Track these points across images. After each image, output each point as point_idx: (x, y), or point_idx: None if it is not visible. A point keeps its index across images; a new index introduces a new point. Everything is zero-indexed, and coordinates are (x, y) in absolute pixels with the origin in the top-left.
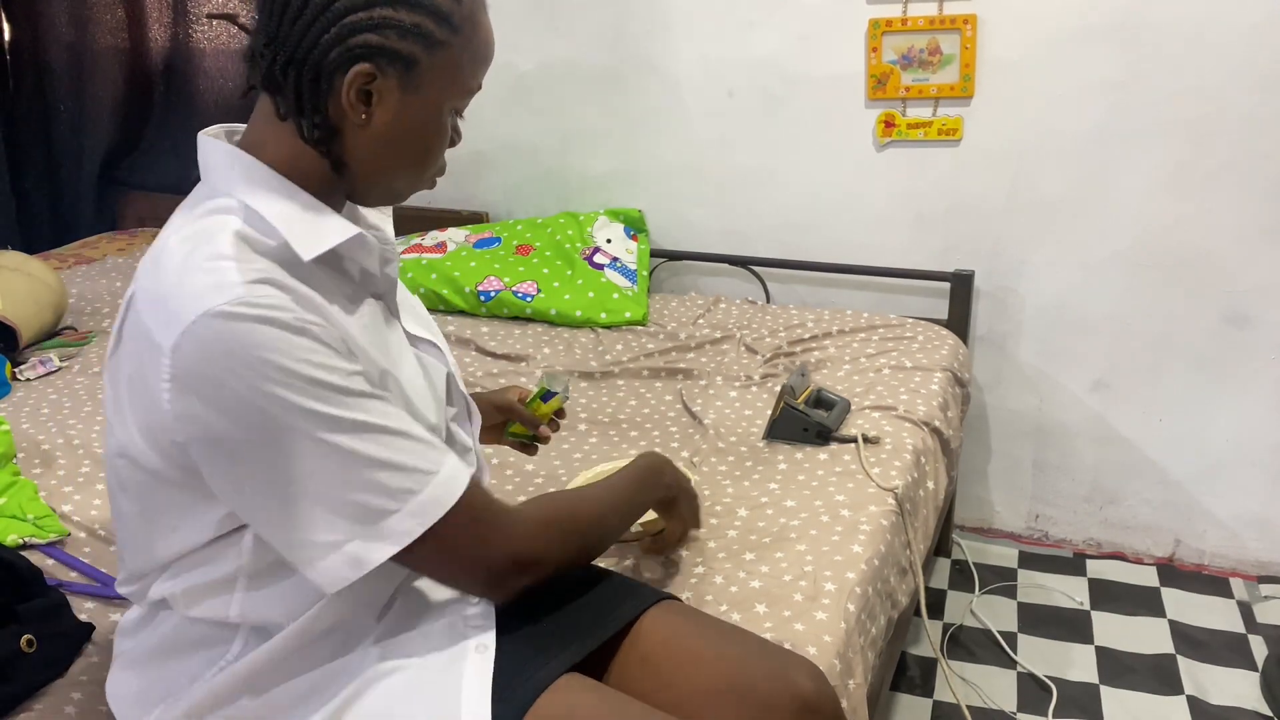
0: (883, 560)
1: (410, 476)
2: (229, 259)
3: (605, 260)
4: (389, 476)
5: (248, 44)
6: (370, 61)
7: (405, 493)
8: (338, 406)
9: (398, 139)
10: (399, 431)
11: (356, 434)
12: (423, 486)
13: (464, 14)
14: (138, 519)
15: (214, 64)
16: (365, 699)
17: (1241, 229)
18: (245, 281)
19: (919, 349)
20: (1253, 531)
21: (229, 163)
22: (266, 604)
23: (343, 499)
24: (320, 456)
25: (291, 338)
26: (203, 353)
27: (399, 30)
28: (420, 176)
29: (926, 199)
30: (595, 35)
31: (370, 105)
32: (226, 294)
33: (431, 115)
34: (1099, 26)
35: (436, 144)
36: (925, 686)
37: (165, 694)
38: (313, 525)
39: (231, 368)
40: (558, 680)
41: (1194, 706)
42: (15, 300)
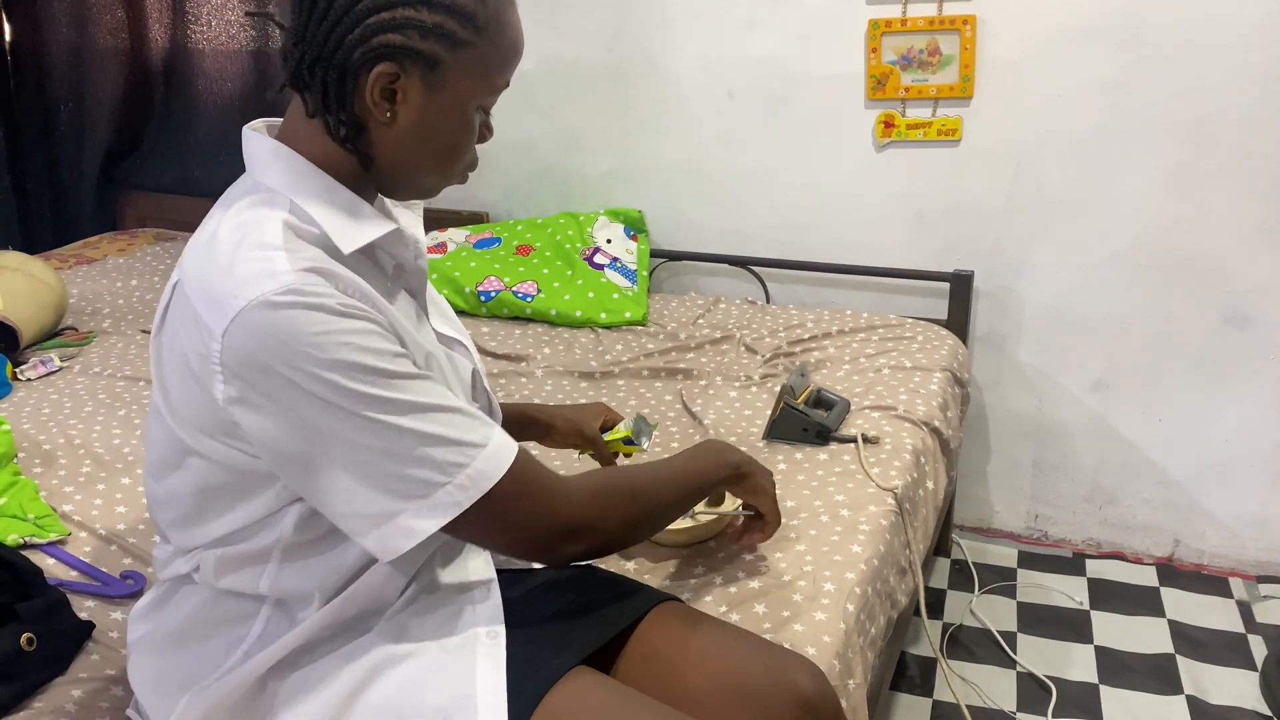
0: (882, 560)
1: (458, 450)
2: (278, 248)
3: (605, 260)
4: (437, 451)
5: (282, 42)
6: (393, 61)
7: (454, 466)
8: (384, 388)
9: (423, 137)
10: (446, 407)
11: (404, 413)
12: (471, 459)
13: (489, 14)
14: (190, 498)
15: (214, 64)
16: (380, 683)
17: (1241, 229)
18: (294, 270)
19: (919, 349)
20: (1252, 531)
21: (273, 157)
22: (298, 577)
23: (393, 474)
24: (369, 435)
25: (340, 320)
26: (254, 339)
27: (421, 30)
28: (448, 173)
29: (926, 199)
30: (595, 35)
31: (394, 104)
32: (276, 282)
33: (456, 113)
34: (1099, 27)
35: (463, 141)
36: (925, 686)
37: (188, 679)
38: (365, 500)
39: (282, 354)
40: (569, 673)
41: (1193, 706)
42: (16, 300)
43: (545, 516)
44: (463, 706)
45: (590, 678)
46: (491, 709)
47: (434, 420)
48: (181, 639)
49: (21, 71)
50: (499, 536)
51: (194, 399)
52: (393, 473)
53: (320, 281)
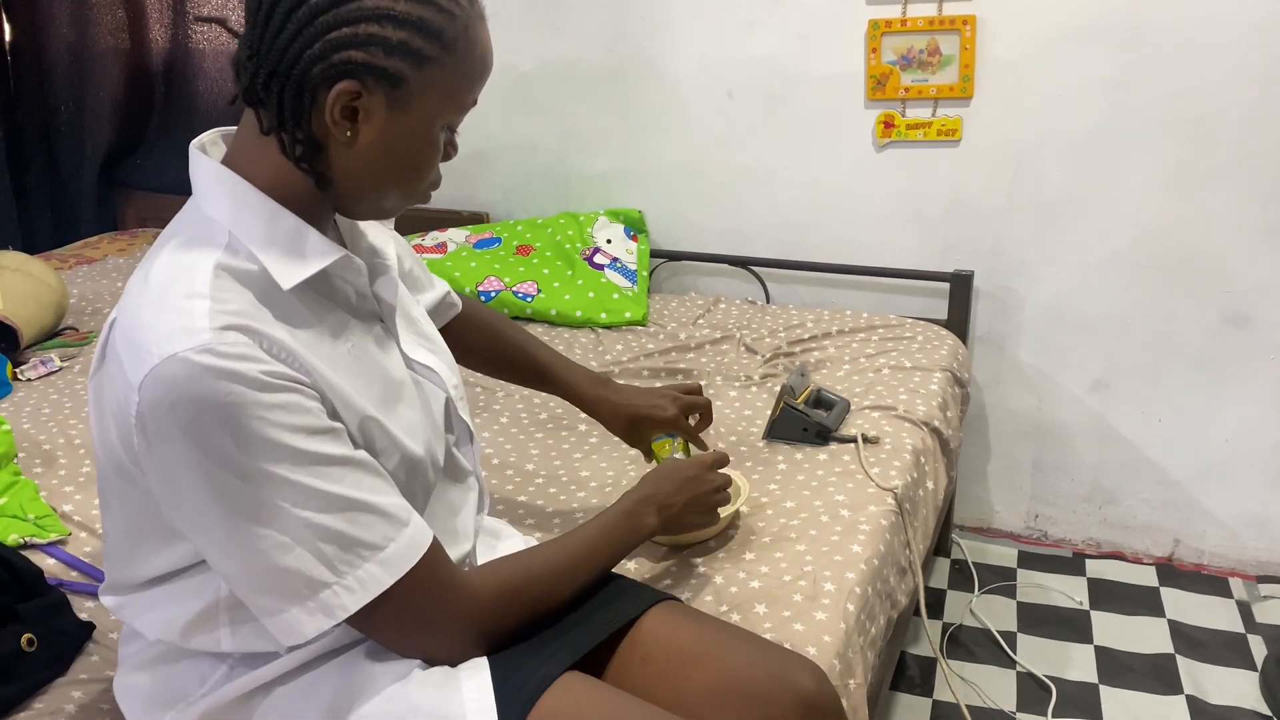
0: (882, 560)
1: (354, 549)
2: (203, 297)
3: (605, 260)
4: (329, 548)
5: (236, 52)
6: (355, 79)
7: (346, 565)
8: (291, 470)
9: (385, 157)
10: (353, 501)
11: (304, 502)
12: (364, 560)
13: (457, 30)
14: (121, 537)
15: (213, 65)
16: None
17: (1241, 229)
18: (214, 328)
19: (919, 349)
20: (1252, 531)
21: (215, 182)
22: (256, 637)
23: (280, 567)
24: (264, 522)
25: (256, 395)
26: (164, 397)
27: (385, 47)
28: (410, 193)
29: (926, 199)
30: (595, 35)
31: (356, 123)
32: (193, 339)
33: (421, 133)
34: (1099, 26)
35: (426, 161)
36: (925, 686)
37: (175, 695)
38: (251, 588)
39: (189, 420)
40: (560, 678)
41: (1193, 706)
42: (16, 300)
43: (441, 622)
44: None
45: (583, 683)
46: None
47: (336, 514)
48: (166, 658)
49: (22, 72)
50: (392, 639)
51: (116, 443)
52: (280, 566)
53: (241, 341)
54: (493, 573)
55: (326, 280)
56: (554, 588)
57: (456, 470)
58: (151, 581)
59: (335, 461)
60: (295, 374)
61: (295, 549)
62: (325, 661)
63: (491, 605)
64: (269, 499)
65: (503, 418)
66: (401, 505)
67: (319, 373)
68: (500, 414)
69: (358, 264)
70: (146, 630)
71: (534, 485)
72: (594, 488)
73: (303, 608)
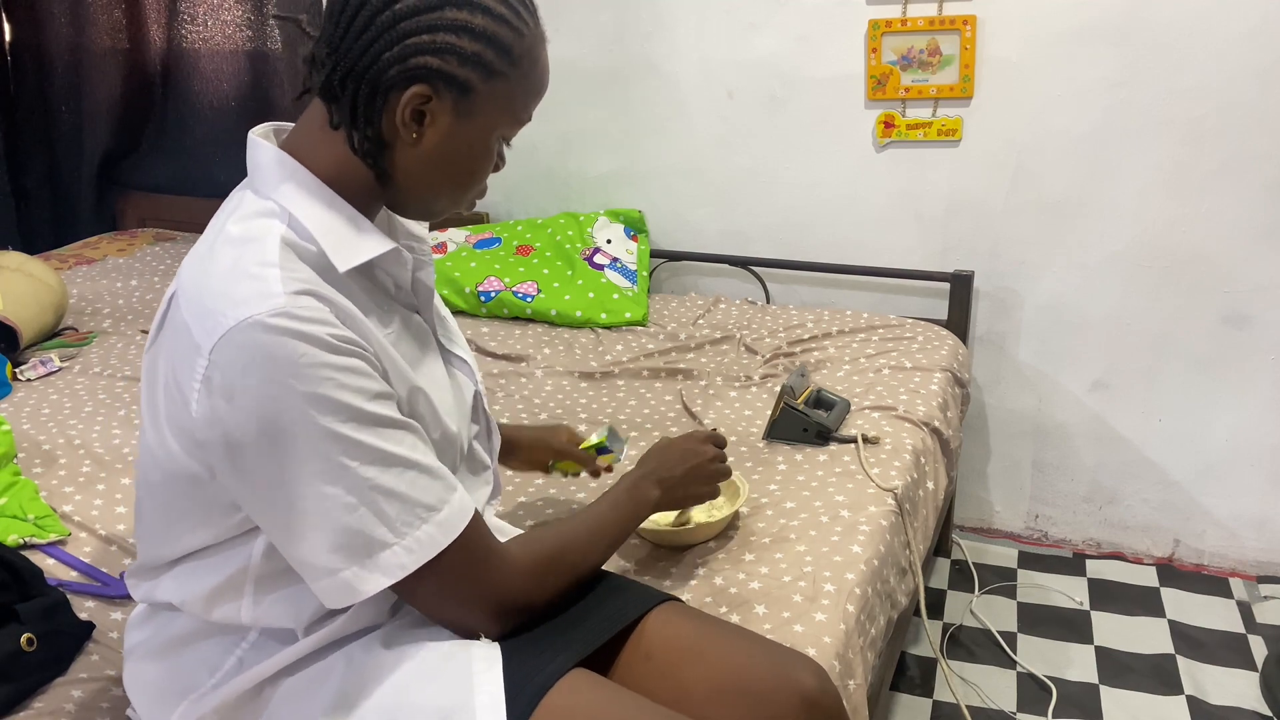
0: (882, 560)
1: (414, 510)
2: (274, 265)
3: (605, 261)
4: (394, 508)
5: (310, 48)
6: (428, 83)
7: (406, 525)
8: (357, 430)
9: (445, 161)
10: (413, 463)
11: (370, 462)
12: (424, 522)
13: (524, 48)
14: (159, 514)
15: (211, 65)
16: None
17: (1241, 229)
18: (288, 292)
19: (919, 349)
20: (1252, 531)
21: (276, 166)
22: (276, 609)
23: (344, 525)
24: (329, 479)
25: (326, 356)
26: (239, 359)
27: (460, 57)
28: (461, 198)
29: (926, 199)
30: (595, 35)
31: (423, 125)
32: (269, 303)
33: (480, 141)
34: (1098, 27)
35: (482, 169)
36: (925, 686)
37: (185, 687)
38: (313, 547)
39: (263, 378)
40: (565, 675)
41: (1193, 706)
42: (16, 300)
43: (489, 589)
44: (461, 709)
45: (588, 679)
46: (489, 711)
47: (397, 475)
48: (177, 646)
49: (21, 72)
50: (440, 604)
51: (171, 413)
52: (344, 525)
53: (314, 306)
54: (527, 544)
55: (370, 270)
56: (584, 558)
57: (476, 462)
58: (180, 559)
59: (395, 424)
60: (359, 339)
61: (360, 509)
62: (334, 650)
63: (528, 574)
64: (336, 458)
65: (503, 418)
66: (448, 472)
67: (376, 342)
68: (500, 414)
69: (405, 257)
70: (170, 595)
71: (534, 485)
72: (594, 488)
73: (362, 566)
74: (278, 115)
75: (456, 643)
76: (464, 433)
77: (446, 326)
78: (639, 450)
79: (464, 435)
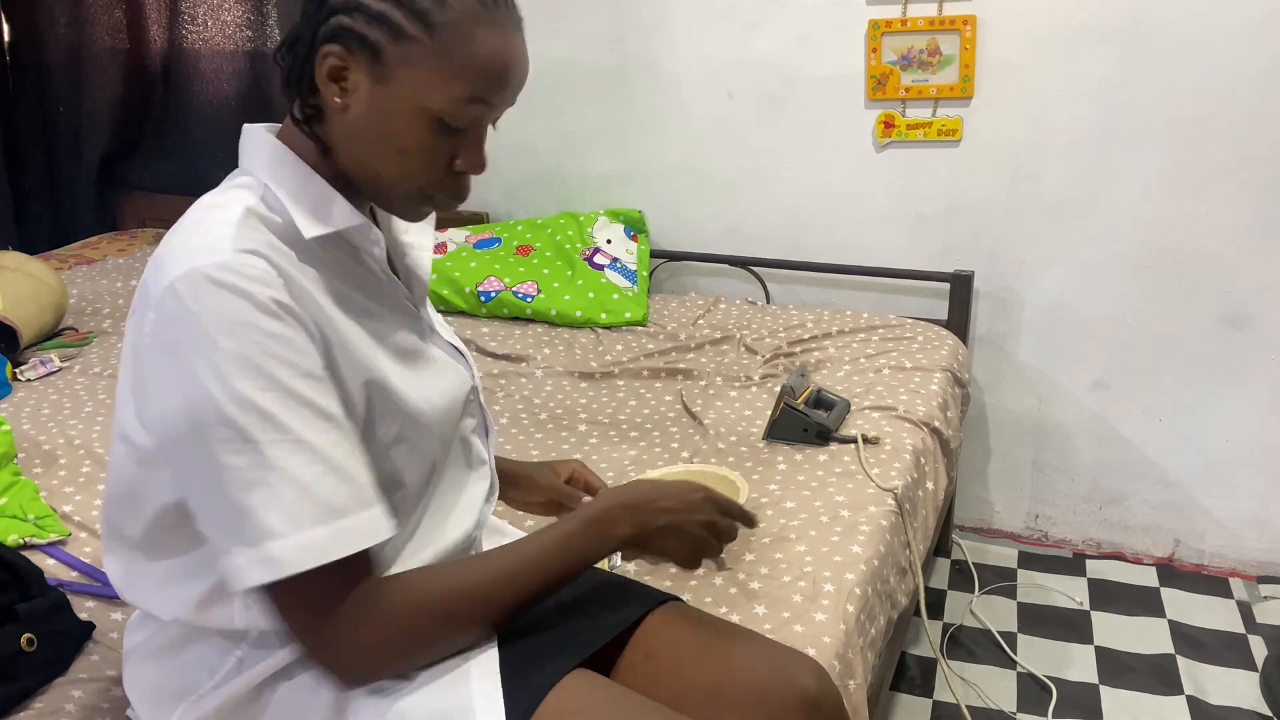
0: (882, 561)
1: (313, 507)
2: (230, 226)
3: (605, 261)
4: (292, 496)
5: None
6: (339, 43)
7: (297, 522)
8: (274, 403)
9: (371, 132)
10: (327, 458)
11: (279, 440)
12: (319, 524)
13: (446, 18)
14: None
15: (210, 65)
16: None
17: (1241, 229)
18: (237, 250)
19: (919, 349)
20: (1252, 532)
21: (259, 145)
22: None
23: (237, 503)
24: (234, 450)
25: (261, 318)
26: (176, 309)
27: (366, 15)
28: (404, 184)
29: (926, 199)
30: (595, 35)
31: (346, 91)
32: (214, 257)
33: (404, 113)
34: (1098, 27)
35: (411, 148)
36: (925, 687)
37: (184, 688)
38: (207, 520)
39: (193, 331)
40: (566, 677)
41: (1194, 706)
42: (16, 301)
43: (354, 626)
44: (460, 713)
45: (589, 680)
46: (488, 714)
47: (305, 463)
48: (175, 648)
49: (20, 72)
50: (301, 622)
51: (129, 379)
52: (236, 502)
53: (262, 267)
54: (430, 582)
55: (353, 251)
56: (490, 609)
57: (473, 457)
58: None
59: (320, 413)
60: (302, 313)
61: (256, 488)
62: None
63: (415, 623)
64: (245, 428)
65: (503, 418)
66: (371, 486)
67: (329, 319)
68: (500, 414)
69: (376, 234)
70: (161, 612)
71: None
72: None
73: (247, 554)
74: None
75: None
76: (449, 422)
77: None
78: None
79: (449, 424)
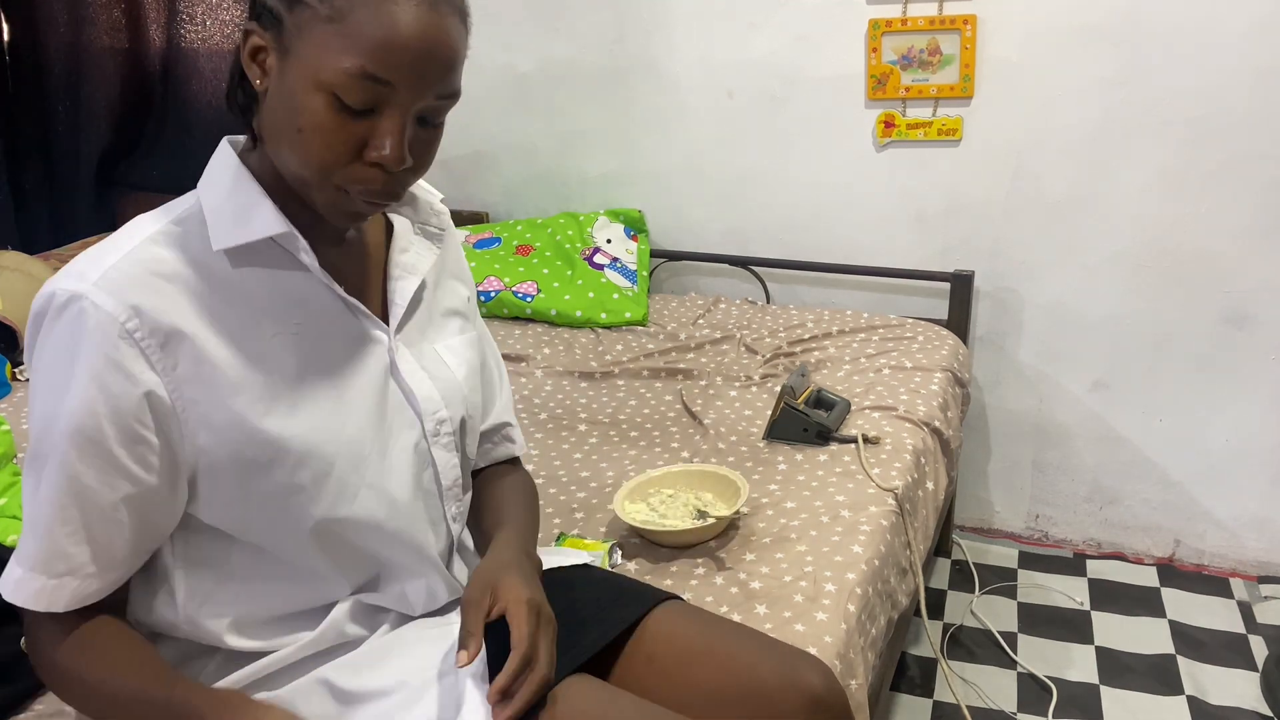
0: (883, 561)
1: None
2: (118, 251)
3: (605, 260)
4: (36, 533)
5: None
6: (256, 20)
7: (21, 554)
8: (61, 439)
9: (280, 113)
10: (53, 503)
11: (52, 475)
12: (23, 568)
13: None
14: None
15: (210, 65)
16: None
17: (1241, 229)
18: (98, 280)
19: (919, 349)
20: (1252, 532)
21: (214, 158)
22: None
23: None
24: (29, 467)
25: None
26: (32, 322)
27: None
28: (313, 171)
29: (926, 199)
30: (595, 35)
31: (264, 74)
32: (77, 282)
33: (300, 90)
34: (1098, 26)
35: (308, 128)
36: (925, 687)
37: None
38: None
39: (33, 347)
40: (564, 681)
41: (1194, 706)
42: (16, 301)
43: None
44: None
45: (587, 684)
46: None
47: (59, 512)
48: None
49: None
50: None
51: None
52: (27, 519)
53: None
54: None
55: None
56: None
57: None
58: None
59: (108, 462)
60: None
61: (29, 508)
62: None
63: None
64: (37, 451)
65: None
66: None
67: (200, 361)
68: None
69: (303, 244)
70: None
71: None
72: (594, 488)
73: (14, 571)
74: None
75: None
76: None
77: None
78: None
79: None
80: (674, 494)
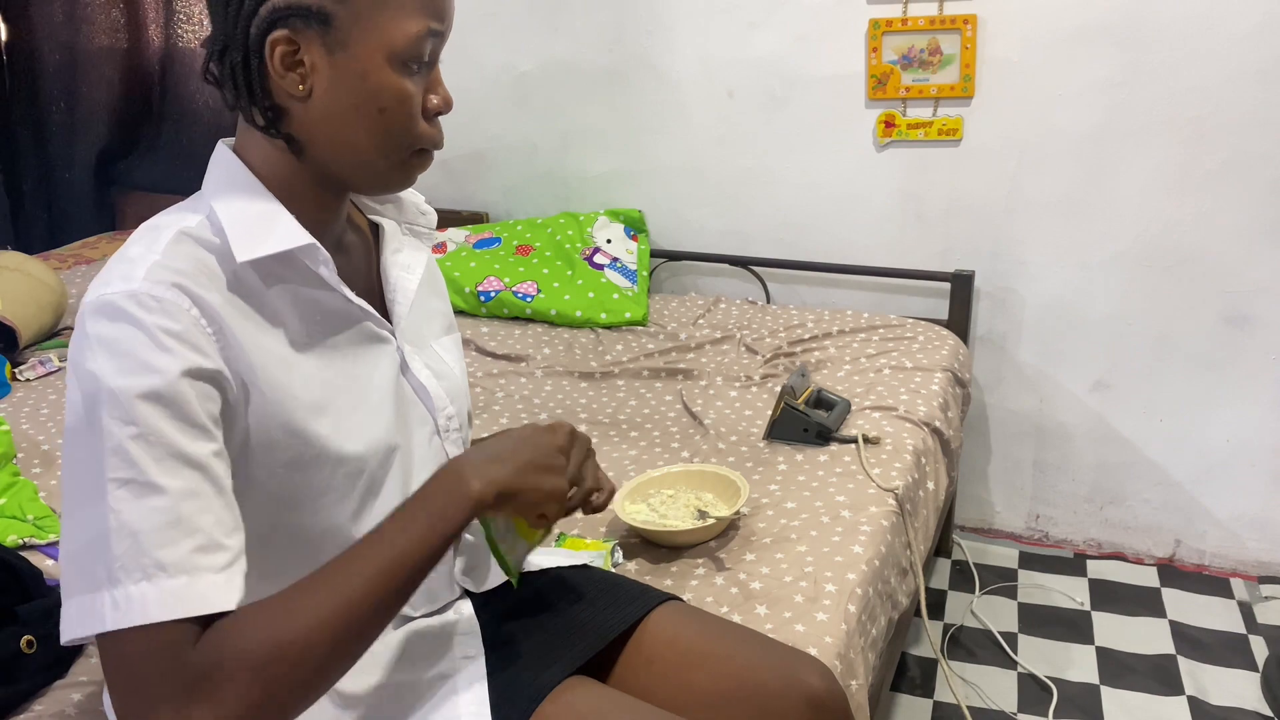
0: (883, 561)
1: (138, 559)
2: (155, 251)
3: (605, 260)
4: (123, 548)
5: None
6: (285, 26)
7: (124, 573)
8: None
9: (345, 107)
10: (171, 508)
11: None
12: (145, 579)
13: None
14: None
15: None
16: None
17: (1241, 229)
18: (149, 279)
19: (919, 349)
20: (1253, 532)
21: (216, 163)
22: None
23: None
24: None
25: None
26: (80, 333)
27: None
28: (390, 147)
29: (926, 199)
30: (595, 35)
31: (304, 75)
32: (125, 284)
33: (372, 72)
34: (1099, 26)
35: (392, 106)
36: (926, 687)
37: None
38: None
39: (89, 357)
40: (562, 684)
41: (1194, 707)
42: (15, 300)
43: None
44: None
45: (584, 688)
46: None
47: (147, 509)
48: None
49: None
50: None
51: None
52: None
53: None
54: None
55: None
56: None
57: None
58: None
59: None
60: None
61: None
62: None
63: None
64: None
65: (503, 418)
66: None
67: (247, 357)
68: (500, 414)
69: (324, 255)
70: None
71: None
72: None
73: (76, 601)
74: None
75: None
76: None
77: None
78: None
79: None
80: (674, 494)
